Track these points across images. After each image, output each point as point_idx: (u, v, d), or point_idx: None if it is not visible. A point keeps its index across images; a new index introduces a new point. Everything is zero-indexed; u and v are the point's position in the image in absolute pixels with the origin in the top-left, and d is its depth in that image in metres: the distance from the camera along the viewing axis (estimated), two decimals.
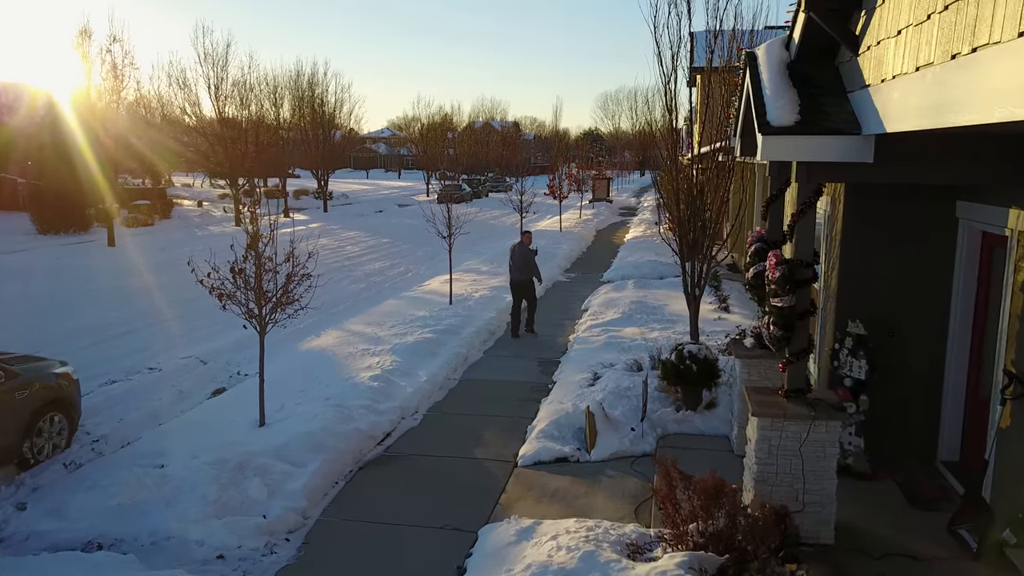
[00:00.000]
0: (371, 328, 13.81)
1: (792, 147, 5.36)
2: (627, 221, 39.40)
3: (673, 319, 13.79)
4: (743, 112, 6.96)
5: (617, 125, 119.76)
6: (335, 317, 15.90)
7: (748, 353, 7.41)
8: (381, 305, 16.45)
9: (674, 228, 10.34)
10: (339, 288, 19.78)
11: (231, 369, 12.22)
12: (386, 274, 22.01)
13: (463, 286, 17.93)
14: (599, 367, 10.48)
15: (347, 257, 25.78)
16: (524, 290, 13.73)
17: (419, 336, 12.76)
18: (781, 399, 5.83)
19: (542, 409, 9.42)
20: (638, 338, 12.40)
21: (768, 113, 5.47)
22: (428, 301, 16.36)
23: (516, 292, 13.80)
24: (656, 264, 20.72)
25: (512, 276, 13.80)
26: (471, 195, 57.66)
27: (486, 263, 22.29)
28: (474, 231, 34.57)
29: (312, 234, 33.48)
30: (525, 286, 13.73)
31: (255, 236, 8.44)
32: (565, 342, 13.40)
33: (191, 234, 31.50)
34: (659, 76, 9.01)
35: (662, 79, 9.04)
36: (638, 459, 7.76)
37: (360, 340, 12.91)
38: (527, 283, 13.74)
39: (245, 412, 9.08)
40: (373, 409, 9.24)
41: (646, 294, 16.55)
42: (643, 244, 26.23)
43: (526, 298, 13.75)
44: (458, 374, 11.53)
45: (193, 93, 33.80)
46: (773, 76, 5.82)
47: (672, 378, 8.26)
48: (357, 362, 11.44)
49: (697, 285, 9.31)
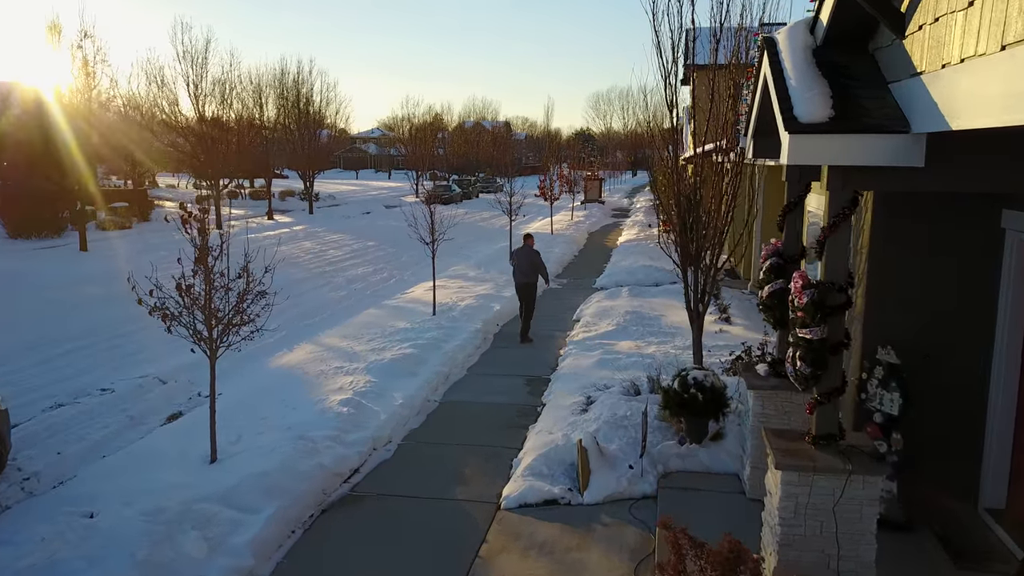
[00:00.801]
0: (347, 342, 12.86)
1: (825, 148, 4.44)
2: (620, 223, 38.54)
3: (671, 331, 12.90)
4: (757, 108, 6.05)
5: (609, 125, 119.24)
6: (311, 328, 14.95)
7: (762, 383, 6.49)
8: (360, 315, 15.50)
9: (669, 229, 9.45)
10: (318, 296, 18.81)
11: (192, 390, 11.24)
12: (368, 280, 21.03)
13: (448, 294, 16.99)
14: (592, 389, 9.56)
15: (329, 262, 24.77)
16: (529, 294, 13.64)
17: (397, 352, 11.80)
18: (808, 447, 4.92)
19: (529, 439, 8.49)
20: (634, 353, 11.49)
21: (796, 107, 4.55)
22: (410, 311, 15.41)
23: (519, 294, 13.74)
24: (651, 270, 19.83)
25: (517, 280, 13.67)
26: (460, 196, 56.74)
27: (473, 268, 21.36)
28: (463, 234, 33.62)
29: (295, 237, 32.57)
30: (531, 290, 13.64)
31: (203, 248, 7.45)
32: (556, 357, 12.48)
33: (168, 238, 30.00)
34: (658, 69, 8.11)
35: (661, 72, 8.13)
36: (637, 502, 6.84)
37: (334, 356, 11.95)
38: (532, 287, 13.66)
39: (198, 443, 8.11)
40: (341, 440, 8.28)
41: (641, 303, 15.64)
42: (637, 248, 25.36)
43: (528, 303, 13.67)
44: (438, 395, 10.58)
45: (172, 92, 32.72)
46: (798, 64, 4.90)
47: (675, 408, 7.34)
48: (329, 382, 10.48)
49: (700, 300, 8.40)
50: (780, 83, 4.87)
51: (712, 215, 8.22)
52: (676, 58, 7.91)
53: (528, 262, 13.59)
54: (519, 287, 13.67)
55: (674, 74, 8.03)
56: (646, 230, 32.10)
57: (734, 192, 8.06)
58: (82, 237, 26.13)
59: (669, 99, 8.20)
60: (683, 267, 8.45)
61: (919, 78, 4.07)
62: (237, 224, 39.02)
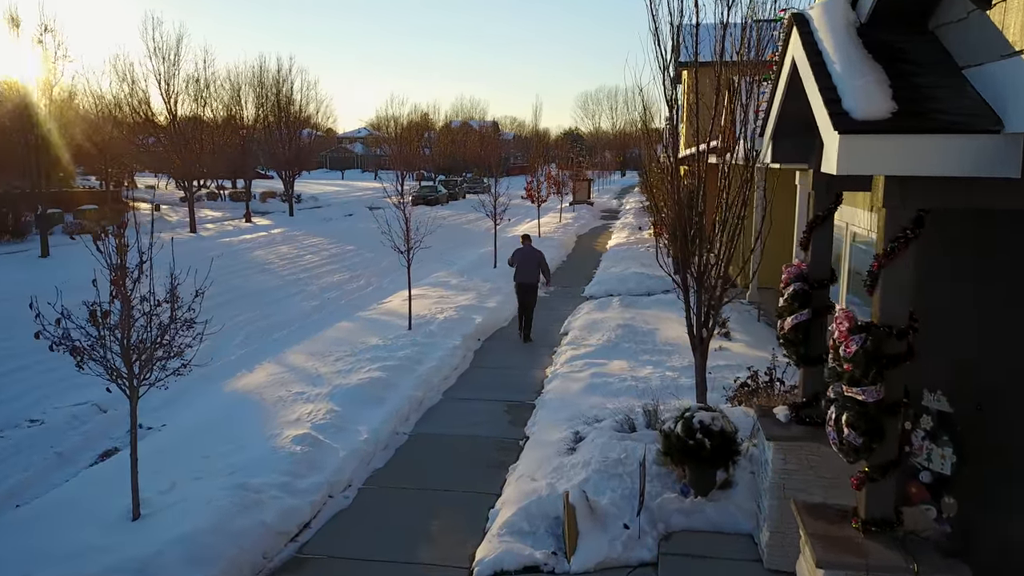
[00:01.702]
0: (313, 361, 11.72)
1: (886, 153, 3.39)
2: (609, 225, 37.52)
3: (667, 349, 11.84)
4: (780, 103, 4.98)
5: (597, 125, 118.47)
6: (278, 343, 13.80)
7: (783, 433, 5.43)
8: (331, 329, 14.37)
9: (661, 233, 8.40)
10: (290, 305, 17.64)
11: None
12: (344, 288, 19.86)
13: (427, 305, 15.87)
14: (580, 422, 8.48)
15: (304, 268, 23.58)
16: (531, 293, 13.75)
17: (366, 374, 10.67)
18: (855, 534, 3.87)
19: (509, 484, 7.39)
20: (627, 375, 10.42)
21: (845, 99, 3.49)
22: (384, 325, 14.29)
23: (522, 293, 13.74)
24: (643, 277, 18.78)
25: (519, 279, 13.70)
26: (446, 197, 55.61)
27: (456, 275, 20.23)
28: (446, 237, 32.45)
29: (272, 241, 31.33)
30: (534, 290, 13.78)
31: (121, 269, 6.30)
32: (542, 377, 11.39)
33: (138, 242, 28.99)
34: (656, 59, 7.03)
35: (659, 62, 7.05)
36: (634, 571, 5.76)
37: (296, 378, 10.82)
38: (535, 287, 13.79)
39: (125, 492, 6.95)
40: (290, 488, 7.16)
41: (634, 315, 14.58)
42: (627, 252, 24.33)
43: (530, 301, 13.77)
44: (409, 426, 9.46)
45: (143, 89, 31.38)
46: (842, 46, 3.84)
47: (678, 456, 6.27)
48: (286, 411, 9.35)
49: (704, 325, 7.33)
50: (820, 69, 3.80)
51: (719, 227, 7.16)
52: (677, 45, 6.84)
53: (532, 262, 13.72)
54: (523, 287, 13.66)
55: (674, 64, 6.97)
56: (636, 233, 31.08)
57: (744, 200, 6.99)
58: (43, 242, 24.81)
59: (668, 96, 7.12)
60: (683, 286, 7.38)
61: (1020, 58, 3.01)
62: (212, 227, 37.80)
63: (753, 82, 6.82)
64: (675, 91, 7.29)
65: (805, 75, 3.98)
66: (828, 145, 3.55)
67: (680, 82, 33.84)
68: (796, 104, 4.81)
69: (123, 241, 6.36)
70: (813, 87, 3.78)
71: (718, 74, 6.86)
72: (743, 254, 7.52)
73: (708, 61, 7.16)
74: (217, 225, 36.80)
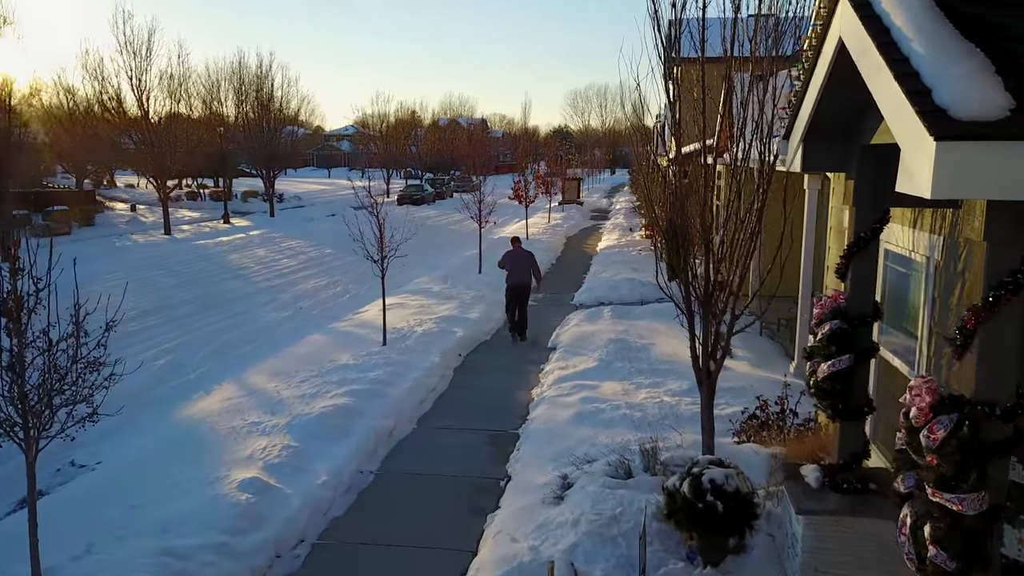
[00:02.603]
0: (275, 383, 10.65)
1: (1005, 168, 2.37)
2: (599, 226, 36.54)
3: (663, 368, 10.84)
4: (816, 98, 3.97)
5: (587, 122, 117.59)
6: (241, 360, 12.70)
7: (816, 505, 4.43)
8: (300, 343, 13.28)
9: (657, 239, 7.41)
10: (260, 316, 16.53)
11: (69, 452, 8.96)
12: (319, 296, 18.74)
13: (405, 316, 14.82)
14: (569, 462, 7.45)
15: (279, 273, 22.44)
16: (524, 294, 13.73)
17: (331, 400, 9.61)
18: None
19: (486, 542, 6.36)
20: (620, 401, 9.42)
21: (938, 91, 2.48)
22: (358, 339, 13.23)
23: (515, 295, 13.69)
24: (635, 284, 17.80)
25: (512, 280, 13.67)
26: (433, 196, 54.50)
27: (439, 281, 19.15)
28: (430, 239, 31.39)
29: (249, 243, 30.13)
30: (526, 290, 13.77)
31: (16, 302, 5.21)
32: (527, 400, 10.38)
33: (108, 246, 27.84)
34: (655, 45, 6.01)
35: (660, 49, 6.03)
36: None
37: (254, 405, 9.75)
38: (528, 287, 13.77)
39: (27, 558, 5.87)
40: (229, 550, 6.10)
41: (627, 327, 13.58)
42: (618, 256, 23.38)
43: (522, 302, 13.72)
44: (376, 461, 8.42)
45: (114, 86, 30.06)
46: (922, 19, 2.83)
47: (685, 521, 5.25)
48: (238, 447, 8.29)
49: (712, 357, 6.32)
50: (891, 51, 2.78)
51: (727, 244, 6.15)
52: (679, 23, 5.81)
53: (524, 263, 13.73)
54: (515, 287, 13.63)
55: (677, 50, 5.95)
56: (627, 234, 30.13)
57: (760, 214, 5.98)
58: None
59: (671, 91, 6.10)
60: (688, 311, 6.36)
61: None
62: (188, 229, 36.53)
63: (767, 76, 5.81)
64: (677, 83, 6.27)
65: (867, 60, 2.97)
66: (912, 156, 2.54)
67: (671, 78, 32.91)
68: (839, 100, 3.81)
69: (16, 262, 5.24)
70: (883, 75, 2.77)
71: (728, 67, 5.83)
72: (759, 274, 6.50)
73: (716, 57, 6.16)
74: (193, 227, 35.53)
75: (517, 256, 13.82)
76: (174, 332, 14.80)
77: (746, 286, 6.56)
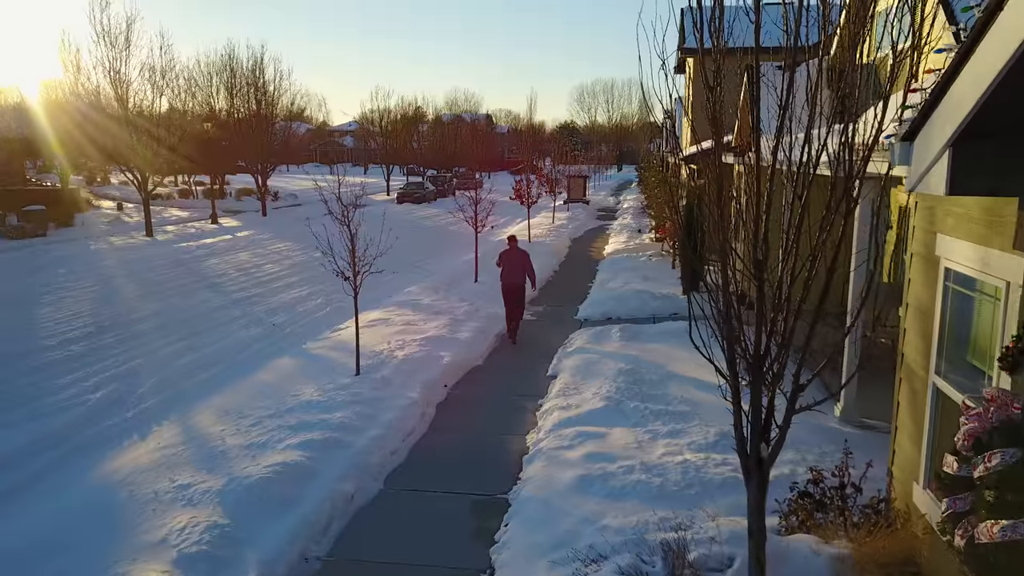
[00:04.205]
0: (222, 425, 8.97)
1: None
2: (606, 227, 34.72)
3: (683, 411, 9.07)
4: (998, 75, 2.19)
5: (593, 118, 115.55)
6: (193, 391, 11.00)
7: None
8: (265, 370, 11.59)
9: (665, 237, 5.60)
10: (227, 334, 14.80)
11: None
12: (297, 309, 17.00)
13: (387, 335, 13.14)
14: (570, 560, 5.71)
15: (259, 281, 20.72)
16: (520, 295, 13.78)
17: (281, 455, 7.89)
18: None
19: None
20: (633, 457, 7.69)
21: None
22: (330, 365, 11.53)
23: (512, 295, 13.71)
24: (645, 297, 16.04)
25: (508, 281, 13.69)
26: (434, 194, 52.78)
27: (430, 291, 17.41)
28: (428, 240, 29.70)
29: (234, 246, 28.35)
30: (521, 291, 13.79)
31: None
32: (521, 449, 8.66)
33: (83, 248, 26.17)
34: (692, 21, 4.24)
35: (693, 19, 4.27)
36: None
37: (190, 457, 8.06)
38: (521, 287, 13.78)
39: None
40: None
41: (638, 352, 11.83)
42: (627, 262, 21.61)
43: (519, 304, 13.80)
44: (328, 541, 6.71)
45: (93, 78, 28.36)
46: None
47: None
48: (153, 525, 6.59)
49: (764, 438, 4.55)
50: None
51: (790, 282, 4.39)
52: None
53: (518, 263, 13.74)
54: (510, 287, 13.67)
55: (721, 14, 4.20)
56: (636, 236, 28.37)
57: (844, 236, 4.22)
58: None
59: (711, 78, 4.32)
60: (731, 375, 4.60)
61: None
62: (172, 230, 34.82)
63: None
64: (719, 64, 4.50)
65: None
66: None
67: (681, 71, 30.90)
68: None
69: None
70: None
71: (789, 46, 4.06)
72: None
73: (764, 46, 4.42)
74: (179, 227, 33.85)
75: (512, 256, 13.81)
76: (126, 354, 13.10)
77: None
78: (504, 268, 13.75)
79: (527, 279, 13.82)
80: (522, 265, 13.73)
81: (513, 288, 13.63)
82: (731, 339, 4.56)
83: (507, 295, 13.69)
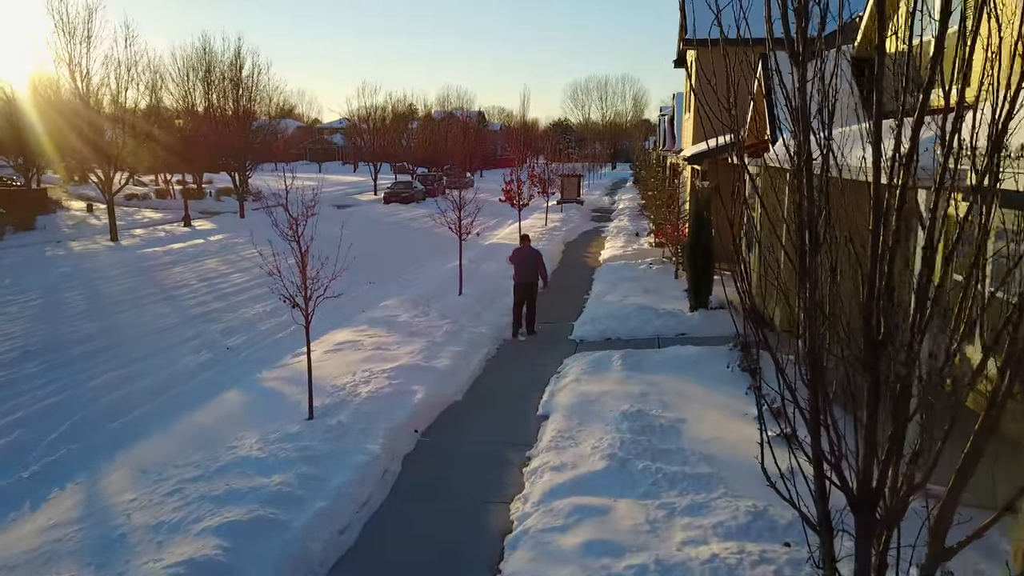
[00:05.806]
0: (131, 493, 7.25)
1: None
2: (602, 229, 32.99)
3: (703, 472, 7.35)
4: None
5: (587, 115, 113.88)
6: (114, 438, 9.30)
7: None
8: (203, 409, 9.86)
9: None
10: (172, 360, 12.97)
11: None
12: (257, 328, 15.22)
13: (352, 362, 11.43)
14: None
15: (223, 294, 18.93)
16: (530, 292, 14.01)
17: (192, 544, 6.14)
18: None
19: None
20: (646, 549, 5.98)
21: None
22: (281, 402, 9.82)
23: (523, 293, 13.99)
24: (647, 314, 14.32)
25: (518, 279, 14.02)
26: (423, 194, 50.95)
27: (409, 306, 15.65)
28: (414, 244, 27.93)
29: (204, 252, 26.38)
30: (532, 289, 14.03)
31: None
32: (502, 526, 6.93)
33: (37, 254, 24.30)
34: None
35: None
36: None
37: (72, 549, 6.34)
38: (534, 286, 14.06)
39: None
40: None
41: (644, 387, 10.11)
42: (625, 270, 19.91)
43: (529, 299, 14.02)
44: None
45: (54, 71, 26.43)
46: None
47: None
48: None
49: None
50: None
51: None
52: None
53: (532, 261, 14.07)
54: (522, 286, 13.96)
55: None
56: (633, 240, 26.68)
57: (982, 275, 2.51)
58: None
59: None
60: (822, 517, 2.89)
61: None
62: (140, 234, 32.91)
63: None
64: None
65: None
66: None
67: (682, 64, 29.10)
68: None
69: None
70: None
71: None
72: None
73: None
74: (148, 231, 31.92)
75: (524, 255, 14.17)
76: (48, 387, 11.31)
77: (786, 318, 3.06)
78: (516, 267, 14.11)
79: (539, 278, 14.11)
80: (533, 264, 14.06)
81: (524, 287, 13.94)
82: (819, 465, 2.84)
83: (518, 294, 14.03)
